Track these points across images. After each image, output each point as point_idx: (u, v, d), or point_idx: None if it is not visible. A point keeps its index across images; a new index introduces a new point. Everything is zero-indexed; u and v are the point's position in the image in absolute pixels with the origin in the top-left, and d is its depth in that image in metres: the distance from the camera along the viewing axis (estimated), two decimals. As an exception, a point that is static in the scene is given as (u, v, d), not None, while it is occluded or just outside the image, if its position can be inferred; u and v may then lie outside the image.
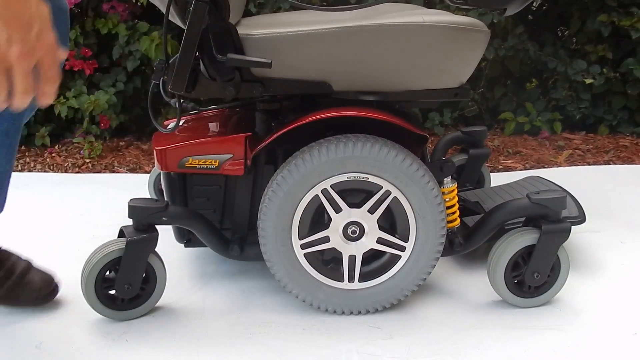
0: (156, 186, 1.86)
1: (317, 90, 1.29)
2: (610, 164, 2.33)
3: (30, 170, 2.41)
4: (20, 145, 1.39)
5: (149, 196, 1.86)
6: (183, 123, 1.54)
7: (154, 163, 1.94)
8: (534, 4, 2.83)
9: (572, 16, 2.72)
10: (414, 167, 1.24)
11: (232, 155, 1.32)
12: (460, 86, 1.35)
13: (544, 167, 2.30)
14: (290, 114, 1.35)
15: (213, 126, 1.49)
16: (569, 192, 1.62)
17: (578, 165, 2.32)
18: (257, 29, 1.25)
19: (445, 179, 1.37)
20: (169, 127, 1.53)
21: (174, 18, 1.27)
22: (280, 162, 1.37)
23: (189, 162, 1.32)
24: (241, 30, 1.23)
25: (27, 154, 2.55)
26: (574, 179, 2.12)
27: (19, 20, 0.75)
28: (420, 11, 1.53)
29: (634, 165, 2.31)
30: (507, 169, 2.30)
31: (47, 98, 0.81)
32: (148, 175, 2.21)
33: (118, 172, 2.33)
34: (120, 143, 2.62)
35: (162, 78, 1.31)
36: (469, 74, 1.36)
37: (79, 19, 2.64)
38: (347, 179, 1.24)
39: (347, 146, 1.22)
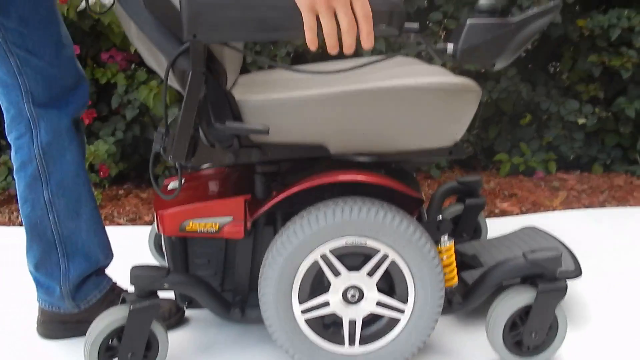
0: (156, 241, 1.87)
1: (314, 154, 1.31)
2: (605, 206, 2.35)
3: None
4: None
5: (148, 250, 1.88)
6: (183, 182, 1.55)
7: (153, 214, 1.95)
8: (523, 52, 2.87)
9: (562, 55, 2.76)
10: (411, 229, 1.26)
11: (231, 218, 1.34)
12: (454, 144, 1.37)
13: (540, 211, 2.32)
14: (289, 176, 1.37)
15: (212, 186, 1.51)
16: (565, 245, 1.63)
17: (574, 207, 2.34)
18: (253, 91, 1.27)
19: (442, 237, 1.39)
20: (169, 187, 1.55)
21: (173, 82, 1.29)
22: (279, 224, 1.38)
23: (190, 226, 1.34)
24: (238, 95, 1.25)
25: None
26: (569, 224, 2.14)
27: None
28: (414, 68, 1.56)
29: (628, 208, 2.33)
30: (503, 212, 2.31)
31: (367, 38, 1.01)
32: (148, 227, 2.22)
33: (118, 224, 2.34)
34: (120, 191, 2.64)
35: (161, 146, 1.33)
36: (462, 133, 1.38)
37: (77, 69, 2.67)
38: (345, 244, 1.26)
39: (344, 211, 1.24)
